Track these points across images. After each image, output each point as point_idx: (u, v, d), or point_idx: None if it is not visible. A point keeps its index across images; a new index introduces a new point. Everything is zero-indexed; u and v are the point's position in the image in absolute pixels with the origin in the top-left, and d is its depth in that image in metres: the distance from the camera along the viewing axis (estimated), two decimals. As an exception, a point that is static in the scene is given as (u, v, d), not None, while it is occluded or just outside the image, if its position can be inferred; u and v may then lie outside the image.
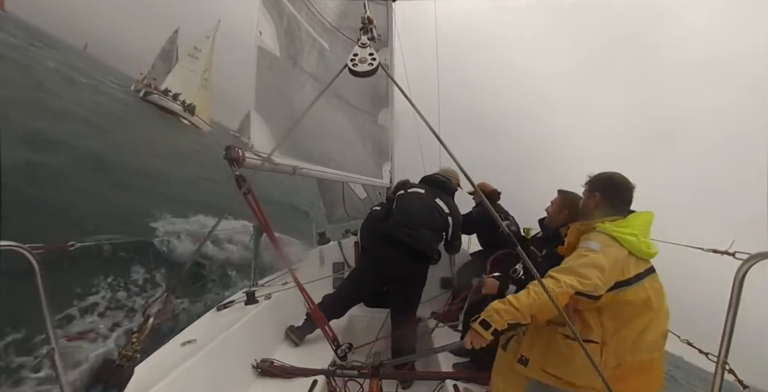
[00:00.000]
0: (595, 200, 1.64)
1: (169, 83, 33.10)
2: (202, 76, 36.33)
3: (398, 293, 2.61)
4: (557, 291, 1.32)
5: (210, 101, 37.93)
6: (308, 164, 2.65)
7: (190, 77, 35.06)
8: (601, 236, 1.48)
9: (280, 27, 2.46)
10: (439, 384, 2.08)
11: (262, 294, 2.37)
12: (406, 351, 2.41)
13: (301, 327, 2.39)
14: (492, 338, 1.37)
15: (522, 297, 1.38)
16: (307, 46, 2.80)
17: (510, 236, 1.29)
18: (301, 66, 2.73)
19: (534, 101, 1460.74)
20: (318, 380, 1.90)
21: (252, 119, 2.23)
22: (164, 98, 31.07)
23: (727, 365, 1.24)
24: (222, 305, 2.17)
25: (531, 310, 1.35)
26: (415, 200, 2.70)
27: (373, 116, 4.16)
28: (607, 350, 1.43)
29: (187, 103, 33.13)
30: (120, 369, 1.03)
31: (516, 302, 1.37)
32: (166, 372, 1.36)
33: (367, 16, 1.38)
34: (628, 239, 1.45)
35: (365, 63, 1.28)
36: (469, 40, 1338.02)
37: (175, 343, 1.65)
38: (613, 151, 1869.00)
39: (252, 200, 1.93)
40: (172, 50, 39.15)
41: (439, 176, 2.87)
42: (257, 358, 1.98)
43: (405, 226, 2.53)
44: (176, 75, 34.36)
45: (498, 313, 1.36)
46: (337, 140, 3.45)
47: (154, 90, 31.42)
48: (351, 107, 3.70)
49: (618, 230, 1.47)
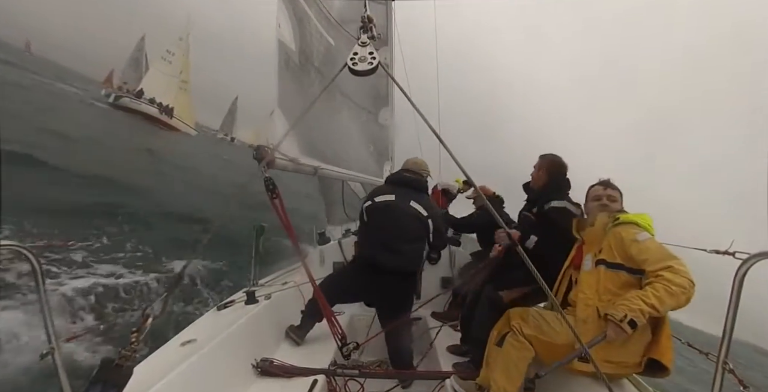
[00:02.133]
0: (620, 204, 1.95)
1: (143, 87, 31.69)
2: (179, 79, 35.39)
3: (386, 305, 2.48)
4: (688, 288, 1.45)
5: (190, 103, 36.72)
6: (328, 165, 2.64)
7: (166, 81, 33.92)
8: (639, 228, 1.71)
9: (294, 21, 2.43)
10: (439, 383, 2.07)
11: (262, 293, 2.36)
12: (404, 352, 2.40)
13: (300, 326, 2.39)
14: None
15: (666, 299, 1.44)
16: (315, 42, 2.78)
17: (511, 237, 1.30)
18: (313, 62, 2.72)
19: (535, 101, 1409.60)
20: (318, 379, 1.90)
21: (275, 117, 2.16)
22: (136, 101, 29.20)
23: (727, 365, 1.24)
24: (222, 304, 2.17)
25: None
26: (387, 211, 2.43)
27: (374, 114, 4.16)
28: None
29: (165, 104, 31.49)
30: (119, 369, 1.03)
31: (659, 304, 1.44)
32: (166, 372, 1.36)
33: (366, 14, 1.37)
34: (650, 229, 1.73)
35: (365, 62, 1.28)
36: (470, 40, 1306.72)
37: (175, 343, 1.64)
38: (617, 150, 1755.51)
39: (279, 204, 1.88)
40: (141, 57, 38.49)
41: (407, 174, 2.61)
42: (257, 358, 1.98)
43: (383, 246, 2.34)
44: (150, 79, 33.00)
45: (643, 313, 1.45)
46: (343, 139, 3.44)
47: (125, 93, 29.61)
48: (354, 105, 3.70)
49: (647, 223, 1.75)
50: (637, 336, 1.57)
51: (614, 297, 1.64)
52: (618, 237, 1.71)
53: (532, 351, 1.73)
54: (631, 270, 1.67)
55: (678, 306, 1.46)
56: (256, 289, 2.36)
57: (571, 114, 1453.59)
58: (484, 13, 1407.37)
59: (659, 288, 1.46)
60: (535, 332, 1.73)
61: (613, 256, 1.71)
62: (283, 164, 1.97)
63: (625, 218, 1.77)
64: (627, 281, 1.67)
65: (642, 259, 1.59)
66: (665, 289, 1.45)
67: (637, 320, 1.45)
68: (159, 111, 30.78)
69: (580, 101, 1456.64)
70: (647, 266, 1.56)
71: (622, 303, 1.50)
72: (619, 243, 1.70)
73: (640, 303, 1.46)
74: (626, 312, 1.46)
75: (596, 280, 1.73)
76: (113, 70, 41.44)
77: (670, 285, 1.45)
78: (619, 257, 1.69)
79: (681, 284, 1.44)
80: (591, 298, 1.72)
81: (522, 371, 1.71)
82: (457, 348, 2.57)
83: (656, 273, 1.51)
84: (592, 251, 1.84)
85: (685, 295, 1.45)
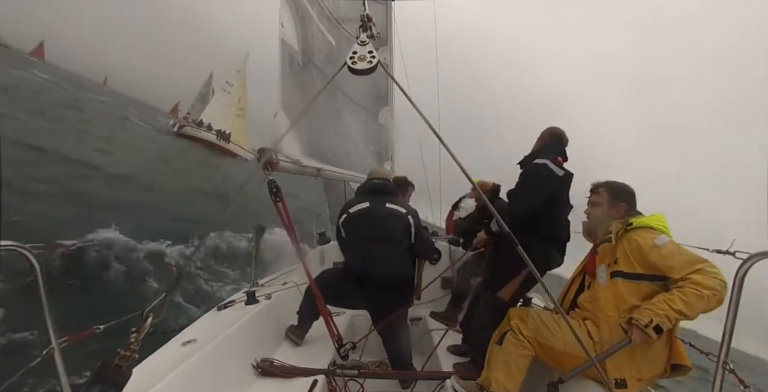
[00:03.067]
0: (622, 210, 1.80)
1: (204, 117, 35.13)
2: (237, 107, 38.44)
3: (381, 313, 2.37)
4: (720, 290, 1.38)
5: (246, 129, 39.73)
6: (329, 166, 2.63)
7: (225, 109, 37.17)
8: (655, 232, 1.61)
9: (297, 19, 2.43)
10: (439, 384, 2.07)
11: (262, 293, 2.36)
12: (403, 353, 2.38)
13: (298, 326, 2.38)
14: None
15: (695, 302, 1.38)
16: (317, 42, 2.78)
17: (511, 236, 1.29)
18: (315, 61, 2.71)
19: (535, 101, 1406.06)
20: (318, 380, 1.89)
21: (279, 119, 2.16)
22: (196, 129, 32.21)
23: (727, 365, 1.24)
24: (222, 305, 2.17)
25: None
26: (364, 218, 2.36)
27: (374, 114, 4.16)
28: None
29: (222, 130, 34.32)
30: (118, 369, 1.03)
31: (687, 310, 1.39)
32: (166, 372, 1.36)
33: (366, 13, 1.37)
34: (665, 231, 1.63)
35: (364, 61, 1.28)
36: (469, 40, 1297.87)
37: (175, 343, 1.64)
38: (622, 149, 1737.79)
39: (282, 208, 1.90)
40: (208, 91, 42.51)
41: (375, 181, 2.52)
42: (257, 358, 1.98)
43: (368, 256, 2.27)
44: (211, 109, 36.58)
45: (669, 320, 1.41)
46: (344, 139, 3.44)
47: (187, 123, 33.08)
48: (355, 105, 3.70)
49: (662, 225, 1.65)
50: (661, 346, 1.53)
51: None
52: (634, 244, 1.59)
53: (532, 350, 1.72)
54: (653, 278, 1.56)
55: (709, 308, 1.39)
56: (256, 289, 2.36)
57: (573, 114, 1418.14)
58: (484, 12, 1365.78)
59: (688, 293, 1.39)
60: (533, 334, 1.72)
61: (632, 266, 1.59)
62: (287, 166, 1.96)
63: (639, 222, 1.64)
64: (650, 291, 1.56)
65: (667, 266, 1.49)
66: (695, 293, 1.38)
67: (663, 325, 1.40)
68: (217, 137, 33.41)
69: (588, 101, 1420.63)
70: (675, 274, 1.47)
71: (648, 307, 1.45)
72: (637, 250, 1.58)
73: (666, 307, 1.40)
74: (652, 316, 1.41)
75: (614, 294, 1.63)
76: (178, 102, 47.40)
77: (699, 288, 1.38)
78: (639, 267, 1.58)
79: (711, 287, 1.37)
80: (612, 316, 1.60)
81: (522, 369, 1.70)
82: (457, 348, 2.56)
83: (685, 277, 1.43)
84: (606, 262, 1.71)
85: (716, 297, 1.37)
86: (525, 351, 1.71)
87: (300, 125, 2.31)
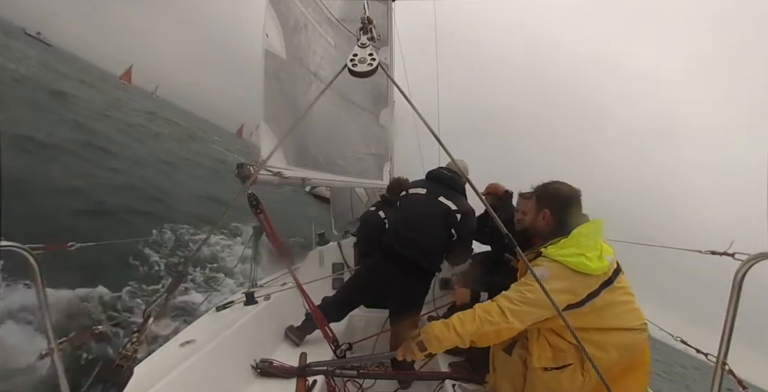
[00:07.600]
0: (545, 218, 1.59)
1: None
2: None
3: (399, 303, 2.53)
4: (503, 326, 1.33)
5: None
6: (315, 173, 2.61)
7: None
8: (548, 263, 1.43)
9: (287, 25, 2.40)
10: (438, 384, 2.08)
11: (261, 294, 2.36)
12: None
13: (300, 327, 2.39)
14: (424, 358, 1.40)
15: (467, 324, 1.36)
16: (313, 45, 2.75)
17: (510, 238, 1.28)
18: (308, 66, 2.68)
19: (536, 101, 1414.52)
20: (317, 380, 1.90)
21: (261, 130, 2.15)
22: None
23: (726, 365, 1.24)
24: (221, 305, 2.17)
25: (473, 337, 1.36)
26: (416, 203, 2.48)
27: (375, 115, 4.15)
28: (587, 367, 1.41)
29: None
30: (119, 369, 1.03)
31: (460, 328, 1.35)
32: (166, 373, 1.36)
33: (366, 16, 1.37)
34: (571, 261, 1.39)
35: (365, 63, 1.27)
36: (469, 40, 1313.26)
37: (174, 343, 1.64)
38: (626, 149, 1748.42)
39: (264, 219, 1.95)
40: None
41: (443, 170, 2.57)
42: (257, 358, 1.98)
43: (407, 237, 2.36)
44: None
45: (438, 340, 1.36)
46: (341, 142, 3.43)
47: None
48: (355, 106, 3.68)
49: (561, 253, 1.42)
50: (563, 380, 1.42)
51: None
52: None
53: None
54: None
55: (482, 333, 1.34)
56: (255, 290, 2.36)
57: (575, 113, 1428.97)
58: (484, 12, 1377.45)
59: (473, 316, 1.36)
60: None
61: None
62: (268, 179, 1.95)
63: (550, 253, 1.45)
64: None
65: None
66: (475, 315, 1.36)
67: (428, 344, 1.36)
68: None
69: (588, 100, 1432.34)
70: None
71: (433, 323, 1.42)
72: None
73: (441, 329, 1.36)
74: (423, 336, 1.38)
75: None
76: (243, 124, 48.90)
77: (479, 310, 1.37)
78: None
79: (488, 311, 1.35)
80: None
81: (527, 381, 1.65)
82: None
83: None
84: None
85: (493, 326, 1.32)
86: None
87: (288, 135, 2.29)
